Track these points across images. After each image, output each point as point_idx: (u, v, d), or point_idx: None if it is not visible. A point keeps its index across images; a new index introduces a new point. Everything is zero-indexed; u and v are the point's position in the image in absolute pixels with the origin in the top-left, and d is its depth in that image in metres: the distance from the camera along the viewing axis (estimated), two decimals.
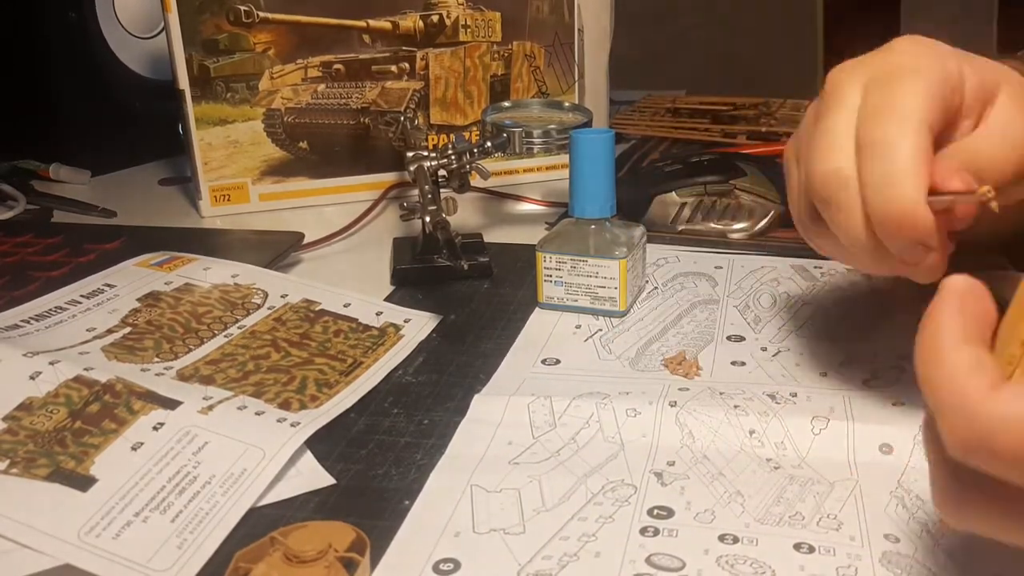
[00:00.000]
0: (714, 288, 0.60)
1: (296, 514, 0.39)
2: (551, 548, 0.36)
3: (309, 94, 0.78)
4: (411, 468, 0.41)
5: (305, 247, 0.68)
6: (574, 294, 0.56)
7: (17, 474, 0.38)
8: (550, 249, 0.56)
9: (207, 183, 0.77)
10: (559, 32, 0.83)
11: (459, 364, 0.51)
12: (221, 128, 0.77)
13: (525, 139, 0.62)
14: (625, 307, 0.55)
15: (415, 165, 0.62)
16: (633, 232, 0.57)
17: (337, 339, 0.53)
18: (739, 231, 0.69)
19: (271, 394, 0.46)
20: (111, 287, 0.56)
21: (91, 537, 0.36)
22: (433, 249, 0.62)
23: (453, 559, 0.35)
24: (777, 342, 0.52)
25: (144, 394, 0.44)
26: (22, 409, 0.42)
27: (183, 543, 0.36)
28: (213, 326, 0.53)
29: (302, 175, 0.80)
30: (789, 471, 0.40)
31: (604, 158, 0.55)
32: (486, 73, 0.82)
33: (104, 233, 0.70)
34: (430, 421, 0.45)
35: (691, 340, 0.53)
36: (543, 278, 0.56)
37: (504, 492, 0.39)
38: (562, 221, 0.58)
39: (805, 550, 0.35)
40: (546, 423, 0.44)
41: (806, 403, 0.44)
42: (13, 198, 0.82)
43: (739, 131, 1.01)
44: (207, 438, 0.41)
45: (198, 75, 0.75)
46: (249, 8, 0.75)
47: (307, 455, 0.42)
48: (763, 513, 0.37)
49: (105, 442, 0.41)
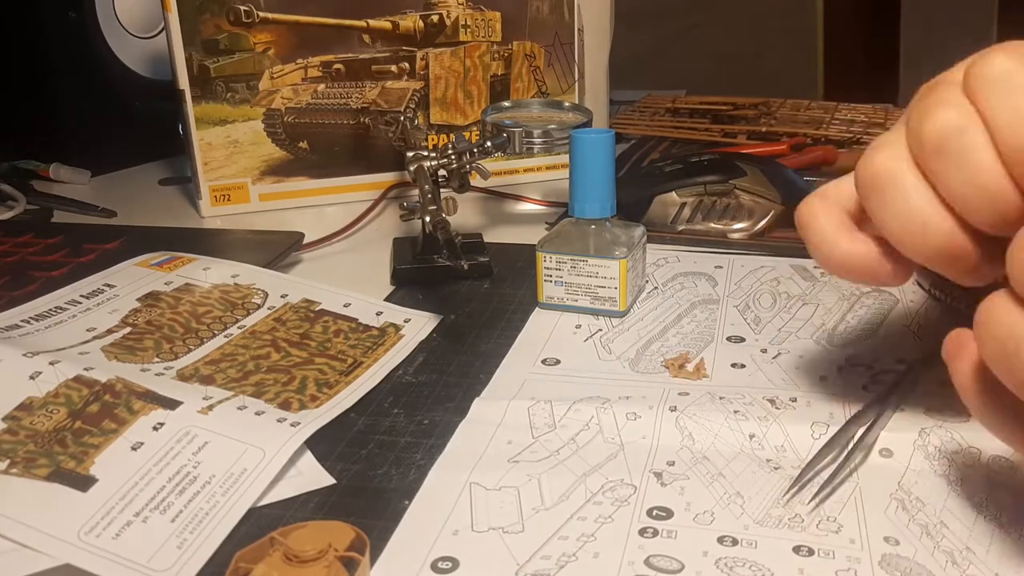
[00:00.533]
0: (714, 288, 0.60)
1: (296, 514, 0.39)
2: (550, 548, 0.36)
3: (309, 94, 0.78)
4: (411, 468, 0.41)
5: (305, 247, 0.69)
6: (574, 294, 0.56)
7: (17, 474, 0.38)
8: (550, 249, 0.56)
9: (207, 183, 0.77)
10: (559, 32, 0.83)
11: (459, 364, 0.51)
12: (221, 128, 0.77)
13: (525, 139, 0.62)
14: (625, 307, 0.56)
15: (415, 165, 0.62)
16: (633, 232, 0.57)
17: (337, 339, 0.53)
18: (739, 231, 0.69)
19: (271, 394, 0.46)
20: (111, 287, 0.56)
21: (91, 537, 0.36)
22: (433, 249, 0.62)
23: (451, 558, 0.35)
24: (777, 344, 0.52)
25: (144, 394, 0.44)
26: (22, 409, 0.42)
27: (183, 543, 0.36)
28: (213, 326, 0.53)
29: (302, 175, 0.80)
30: (789, 472, 0.40)
31: (604, 158, 0.55)
32: (486, 73, 0.82)
33: (104, 233, 0.70)
34: (430, 421, 0.45)
35: (691, 340, 0.53)
36: (543, 278, 0.56)
37: (503, 490, 0.39)
38: (562, 221, 0.58)
39: (804, 553, 0.35)
40: (546, 425, 0.44)
41: (806, 409, 0.44)
42: (13, 198, 0.82)
43: (739, 131, 1.01)
44: (207, 438, 0.42)
45: (198, 75, 0.75)
46: (249, 8, 0.75)
47: (307, 455, 0.42)
48: (763, 515, 0.37)
49: (105, 442, 0.41)
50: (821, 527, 0.36)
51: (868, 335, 0.52)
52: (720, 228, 0.69)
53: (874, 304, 0.56)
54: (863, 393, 0.46)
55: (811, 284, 0.60)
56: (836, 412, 0.44)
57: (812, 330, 0.53)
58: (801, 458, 0.41)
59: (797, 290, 0.59)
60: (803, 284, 0.60)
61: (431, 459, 0.42)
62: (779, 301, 0.57)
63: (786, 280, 0.60)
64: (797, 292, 0.58)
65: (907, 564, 0.34)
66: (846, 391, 0.46)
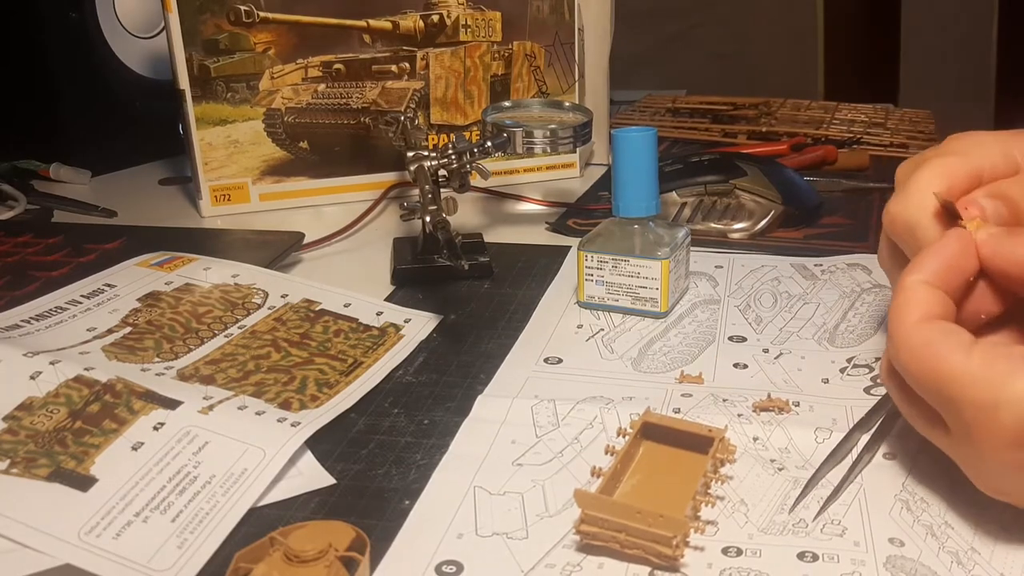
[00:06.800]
0: (715, 288, 0.60)
1: (296, 514, 0.39)
2: (554, 556, 0.35)
3: (309, 94, 0.78)
4: (411, 468, 0.41)
5: (305, 247, 0.68)
6: (615, 294, 0.56)
7: (17, 474, 0.38)
8: (592, 248, 0.56)
9: (207, 183, 0.77)
10: (559, 32, 0.83)
11: (459, 364, 0.51)
12: (221, 128, 0.76)
13: (525, 139, 0.62)
14: (667, 308, 0.55)
15: (415, 165, 0.62)
16: (677, 233, 0.57)
17: (337, 339, 0.53)
18: (739, 231, 0.69)
19: (271, 394, 0.46)
20: (111, 287, 0.56)
21: (91, 537, 0.36)
22: (433, 249, 0.62)
23: (456, 561, 0.35)
24: (779, 344, 0.52)
25: (144, 394, 0.44)
26: (22, 409, 0.42)
27: (183, 543, 0.36)
28: (213, 326, 0.53)
29: (302, 175, 0.80)
30: (793, 472, 0.40)
31: (646, 157, 0.54)
32: (486, 73, 0.82)
33: (104, 233, 0.70)
34: (430, 421, 0.45)
35: (693, 340, 0.53)
36: (584, 277, 0.56)
37: (507, 495, 0.39)
38: (604, 221, 0.57)
39: (809, 559, 0.35)
40: (549, 423, 0.44)
41: (808, 414, 0.44)
42: (13, 198, 0.82)
43: (739, 131, 1.01)
44: (207, 438, 0.41)
45: (198, 75, 0.75)
46: (249, 8, 0.74)
47: (307, 455, 0.42)
48: (767, 523, 0.37)
49: (105, 442, 0.40)
50: (825, 531, 0.36)
51: (870, 333, 0.52)
52: (720, 228, 0.69)
53: (875, 301, 0.56)
54: (865, 396, 0.46)
55: (812, 283, 0.59)
56: (839, 417, 0.44)
57: (813, 330, 0.53)
58: (805, 458, 0.41)
59: (798, 289, 0.59)
60: (804, 283, 0.60)
61: (431, 459, 0.42)
62: (780, 300, 0.57)
63: (787, 279, 0.60)
64: (798, 291, 0.58)
65: (912, 565, 0.34)
66: (848, 395, 0.46)
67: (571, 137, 0.63)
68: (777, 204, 0.69)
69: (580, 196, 0.81)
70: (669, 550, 0.34)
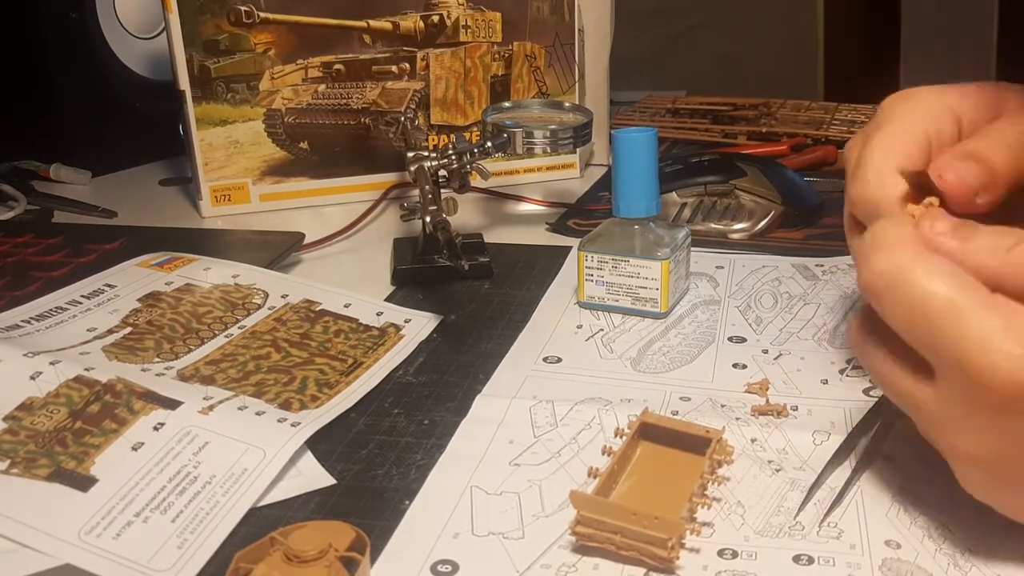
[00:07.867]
0: (715, 288, 0.60)
1: (296, 514, 0.39)
2: (550, 557, 0.35)
3: (310, 94, 0.78)
4: (411, 468, 0.41)
5: (305, 247, 0.68)
6: (615, 294, 0.56)
7: (18, 474, 0.38)
8: (592, 249, 0.56)
9: (207, 183, 0.77)
10: (559, 32, 0.83)
11: (459, 364, 0.51)
12: (222, 128, 0.76)
13: (525, 139, 0.62)
14: (667, 308, 0.55)
15: (415, 165, 0.62)
16: (677, 233, 0.57)
17: (337, 339, 0.53)
18: (739, 231, 0.69)
19: (272, 394, 0.46)
20: (112, 287, 0.56)
21: (91, 537, 0.36)
22: (433, 249, 0.62)
23: (451, 561, 0.35)
24: (779, 344, 0.52)
25: (145, 394, 0.44)
26: (23, 409, 0.42)
27: (183, 543, 0.36)
28: (214, 326, 0.53)
29: (302, 175, 0.80)
30: (791, 474, 0.40)
31: (647, 157, 0.54)
32: (486, 73, 0.82)
33: (105, 233, 0.70)
34: (430, 421, 0.45)
35: (693, 341, 0.53)
36: (584, 277, 0.56)
37: (504, 495, 0.39)
38: (605, 221, 0.58)
39: (804, 562, 0.35)
40: (548, 424, 0.44)
41: (807, 417, 0.44)
42: (14, 198, 0.82)
43: (739, 131, 1.01)
44: (208, 438, 0.41)
45: (199, 75, 0.75)
46: (249, 8, 0.75)
47: (307, 455, 0.42)
48: (763, 525, 0.37)
49: (106, 442, 0.40)
50: (821, 534, 0.36)
51: None
52: (720, 228, 0.69)
53: None
54: (864, 398, 0.46)
55: (812, 283, 0.60)
56: (837, 421, 0.44)
57: (813, 330, 0.53)
58: (803, 460, 0.41)
59: (798, 290, 0.59)
60: (804, 283, 0.60)
61: (431, 459, 0.42)
62: (780, 301, 0.57)
63: (787, 280, 0.60)
64: (798, 292, 0.58)
65: (908, 568, 0.34)
66: (847, 396, 0.46)
67: (571, 138, 0.63)
68: (777, 204, 0.69)
69: (580, 196, 0.81)
70: (664, 552, 0.34)
